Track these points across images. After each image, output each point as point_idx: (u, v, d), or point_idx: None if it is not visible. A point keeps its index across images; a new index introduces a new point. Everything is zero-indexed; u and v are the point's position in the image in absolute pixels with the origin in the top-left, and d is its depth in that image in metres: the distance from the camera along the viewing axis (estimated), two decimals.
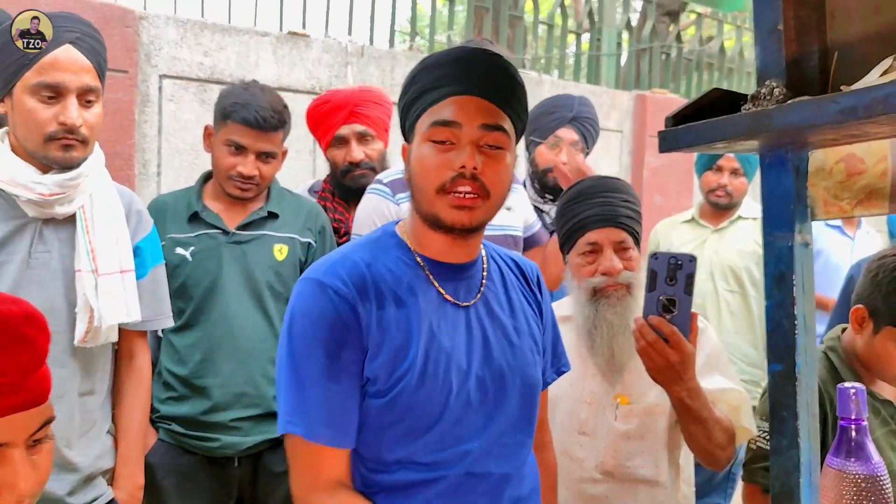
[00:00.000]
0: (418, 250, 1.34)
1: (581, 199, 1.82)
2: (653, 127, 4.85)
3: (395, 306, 1.27)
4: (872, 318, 1.74)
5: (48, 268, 1.69)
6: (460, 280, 1.35)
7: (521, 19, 4.94)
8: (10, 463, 0.94)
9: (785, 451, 1.13)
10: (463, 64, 1.28)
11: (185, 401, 2.07)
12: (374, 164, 2.44)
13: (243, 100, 2.09)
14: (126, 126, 2.96)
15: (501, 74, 1.30)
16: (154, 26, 3.06)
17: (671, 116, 1.12)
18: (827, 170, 1.18)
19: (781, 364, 1.13)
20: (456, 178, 1.24)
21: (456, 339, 1.30)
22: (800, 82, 1.11)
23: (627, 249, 1.78)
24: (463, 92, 1.26)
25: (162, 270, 1.94)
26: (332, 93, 2.50)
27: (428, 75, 1.29)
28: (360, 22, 4.04)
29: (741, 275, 3.07)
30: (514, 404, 1.35)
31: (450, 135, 1.25)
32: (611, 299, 1.76)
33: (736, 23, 6.18)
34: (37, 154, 1.65)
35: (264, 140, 2.10)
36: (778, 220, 1.15)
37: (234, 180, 2.11)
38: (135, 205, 1.87)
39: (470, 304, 1.34)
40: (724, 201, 3.13)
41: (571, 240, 1.82)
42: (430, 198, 1.26)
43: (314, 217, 2.24)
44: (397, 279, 1.29)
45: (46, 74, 1.61)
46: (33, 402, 0.97)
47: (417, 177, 1.28)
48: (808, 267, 1.14)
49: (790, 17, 1.12)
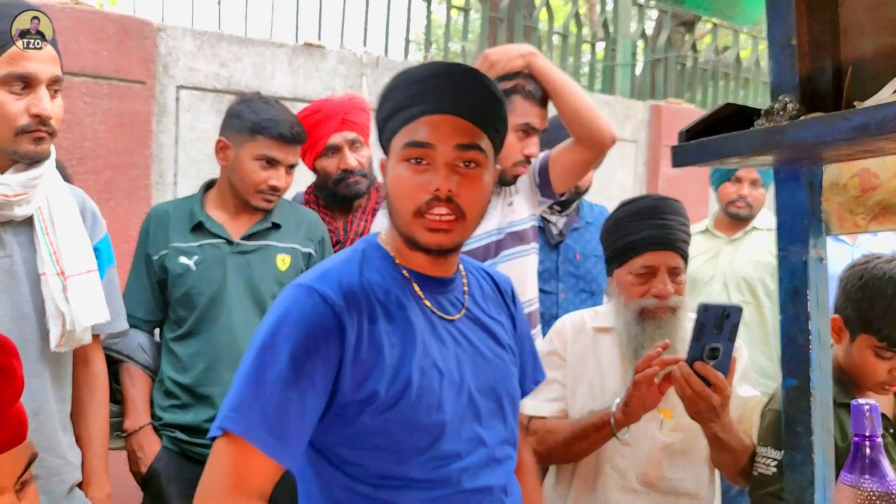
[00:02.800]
0: (403, 263, 1.32)
1: (639, 218, 1.83)
2: (668, 137, 4.84)
3: (386, 321, 1.24)
4: (848, 328, 1.74)
5: (11, 273, 1.62)
6: (444, 293, 1.34)
7: (536, 29, 4.95)
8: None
9: (799, 466, 1.13)
10: (436, 81, 1.26)
11: (188, 409, 2.08)
12: (365, 170, 2.45)
13: (272, 115, 2.13)
14: (143, 136, 2.99)
15: (477, 90, 1.27)
16: (172, 38, 3.10)
17: (684, 131, 1.12)
18: (841, 184, 1.18)
19: (796, 379, 1.13)
20: (431, 200, 1.23)
21: (446, 353, 1.28)
22: (813, 97, 1.11)
23: (679, 274, 1.81)
24: (437, 111, 1.24)
25: (115, 273, 1.90)
26: (321, 102, 2.49)
27: (401, 92, 1.27)
28: (375, 33, 4.06)
29: (755, 286, 3.05)
30: (502, 417, 1.34)
31: (424, 155, 1.23)
32: (658, 321, 1.78)
33: (752, 33, 6.17)
34: (6, 150, 1.57)
35: (293, 153, 2.18)
36: (792, 234, 1.15)
37: (264, 193, 2.14)
38: (88, 204, 1.80)
39: (456, 318, 1.33)
40: (744, 212, 3.12)
41: (625, 257, 1.83)
42: (406, 220, 1.25)
43: (314, 227, 2.26)
44: (386, 292, 1.27)
45: (17, 65, 1.53)
46: (15, 439, 0.87)
47: (393, 198, 1.27)
48: (822, 282, 1.14)
49: (804, 32, 1.12)
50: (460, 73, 1.28)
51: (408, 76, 1.28)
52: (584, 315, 1.98)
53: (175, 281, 2.09)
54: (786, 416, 1.15)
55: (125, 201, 2.94)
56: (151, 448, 2.08)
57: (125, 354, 2.10)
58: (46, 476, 1.65)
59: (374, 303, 1.24)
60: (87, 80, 2.82)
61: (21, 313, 1.63)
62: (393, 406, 1.21)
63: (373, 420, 1.21)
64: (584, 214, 3.10)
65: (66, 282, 1.65)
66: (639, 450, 1.80)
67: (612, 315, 1.87)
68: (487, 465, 1.29)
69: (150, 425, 2.11)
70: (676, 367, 1.58)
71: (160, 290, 2.15)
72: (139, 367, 2.13)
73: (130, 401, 2.10)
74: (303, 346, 1.16)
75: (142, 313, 2.14)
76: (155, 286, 2.14)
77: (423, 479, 1.23)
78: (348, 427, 1.22)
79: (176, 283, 2.09)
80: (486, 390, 1.32)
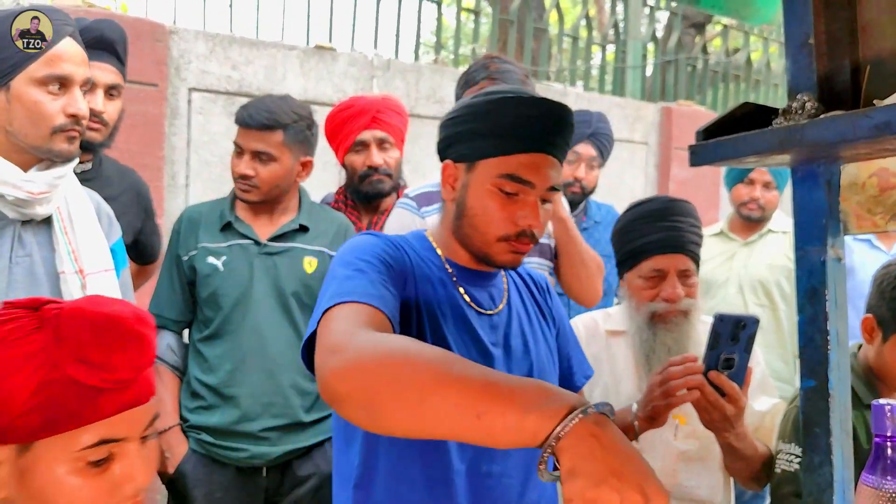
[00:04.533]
0: (448, 256, 1.38)
1: (649, 220, 1.81)
2: (679, 139, 4.82)
3: (432, 290, 1.31)
4: (881, 327, 1.72)
5: (31, 272, 1.64)
6: (485, 287, 1.39)
7: (546, 31, 4.95)
8: (128, 457, 0.99)
9: (818, 468, 1.12)
10: (541, 122, 1.30)
11: (214, 410, 2.08)
12: (391, 170, 2.44)
13: (248, 104, 2.16)
14: (156, 138, 3.00)
15: (567, 129, 1.33)
16: (184, 40, 3.11)
17: (701, 130, 1.12)
18: (860, 184, 1.17)
19: (814, 380, 1.12)
20: (520, 234, 1.30)
21: (479, 344, 1.33)
22: (831, 96, 1.10)
23: (690, 277, 1.79)
24: (538, 150, 1.29)
25: (129, 274, 1.92)
26: (355, 98, 2.51)
27: (503, 119, 1.29)
28: (385, 36, 4.07)
29: (771, 289, 3.03)
30: None
31: (519, 189, 1.29)
32: (669, 325, 1.77)
33: (763, 34, 6.14)
34: (40, 148, 1.61)
35: (257, 139, 2.13)
36: (810, 234, 1.14)
37: (237, 182, 2.16)
38: (103, 207, 1.84)
39: (494, 313, 1.38)
40: (756, 214, 3.10)
41: (635, 260, 1.81)
42: (488, 241, 1.32)
43: (343, 231, 2.26)
44: (433, 272, 1.34)
45: (55, 66, 1.59)
46: (144, 397, 1.01)
47: (478, 220, 1.31)
48: (840, 282, 1.13)
49: (821, 31, 1.11)
50: (556, 111, 1.31)
51: (507, 104, 1.30)
52: (595, 317, 1.96)
53: (203, 281, 2.10)
54: (804, 418, 1.14)
55: None
56: (180, 448, 2.09)
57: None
58: None
59: (425, 271, 1.33)
60: None
61: None
62: None
63: None
64: (591, 214, 3.10)
65: (85, 280, 1.67)
66: (653, 457, 1.77)
67: (624, 318, 1.86)
68: (505, 452, 1.30)
69: (179, 426, 2.12)
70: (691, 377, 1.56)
71: (190, 290, 2.16)
72: (168, 368, 2.14)
73: (159, 401, 2.10)
74: (387, 255, 1.25)
75: (172, 314, 2.15)
76: (185, 287, 2.15)
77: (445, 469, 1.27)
78: None
79: (203, 284, 2.10)
80: None
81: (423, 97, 3.82)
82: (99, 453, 0.97)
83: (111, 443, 0.97)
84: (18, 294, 1.61)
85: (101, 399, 0.96)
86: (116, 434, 0.98)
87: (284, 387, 2.07)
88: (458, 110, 1.36)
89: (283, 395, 2.07)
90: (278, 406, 2.07)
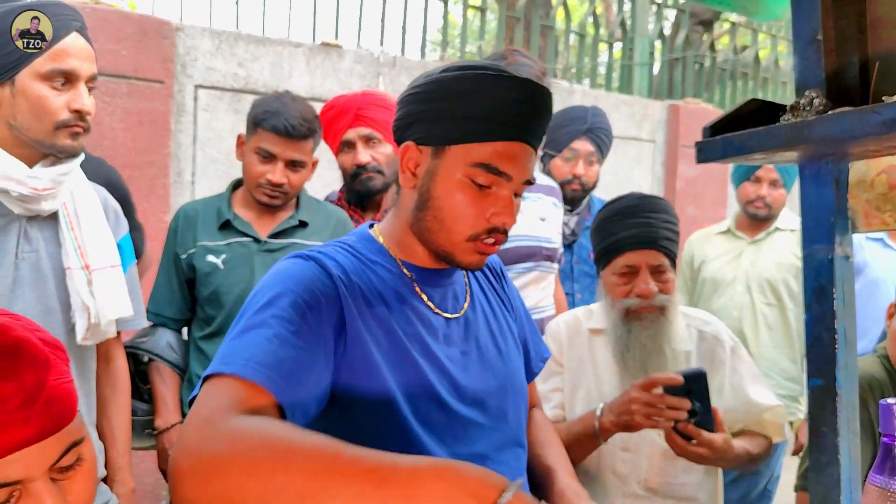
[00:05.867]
0: (401, 257, 1.24)
1: (621, 217, 1.80)
2: (686, 137, 4.81)
3: (384, 308, 1.16)
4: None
5: (38, 268, 1.64)
6: (446, 287, 1.26)
7: (553, 29, 4.93)
8: (33, 497, 0.85)
9: (825, 468, 1.11)
10: (525, 107, 1.15)
11: None
12: (381, 166, 2.40)
13: (273, 108, 2.10)
14: (161, 135, 3.00)
15: (547, 117, 1.20)
16: (190, 37, 3.11)
17: (708, 127, 1.11)
18: (868, 181, 1.16)
19: (821, 379, 1.11)
20: (491, 230, 1.17)
21: (449, 353, 1.21)
22: (840, 93, 1.09)
23: (664, 272, 1.77)
24: (518, 138, 1.15)
25: (136, 270, 1.91)
26: (336, 98, 2.47)
27: (484, 101, 1.14)
28: (391, 33, 4.07)
29: (779, 287, 3.02)
30: (511, 415, 1.29)
31: (493, 182, 1.15)
32: (644, 321, 1.75)
33: (771, 32, 6.11)
34: (43, 143, 1.60)
35: (293, 148, 2.11)
36: (818, 232, 1.13)
37: (263, 188, 2.12)
38: (110, 203, 1.83)
39: (459, 316, 1.26)
40: (762, 213, 3.08)
41: (608, 257, 1.81)
42: (454, 241, 1.18)
43: (342, 226, 2.25)
44: (386, 285, 1.19)
45: (61, 61, 1.58)
46: (43, 433, 0.86)
47: (445, 214, 1.17)
48: (848, 280, 1.12)
49: (830, 26, 1.10)
50: (542, 98, 1.18)
51: (490, 84, 1.14)
52: (577, 314, 1.95)
53: (203, 280, 2.09)
54: (811, 417, 1.14)
55: (143, 200, 2.95)
56: None
57: (155, 353, 2.11)
58: None
59: (374, 288, 1.16)
60: (107, 79, 2.83)
61: (48, 307, 1.65)
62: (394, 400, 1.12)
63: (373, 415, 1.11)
64: (595, 212, 3.07)
65: (91, 275, 1.67)
66: (639, 455, 1.77)
67: (602, 316, 1.85)
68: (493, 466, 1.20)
69: (181, 423, 2.11)
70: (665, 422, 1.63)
71: (188, 288, 2.15)
72: (169, 366, 2.13)
73: (161, 399, 2.10)
74: (305, 302, 1.06)
75: (170, 312, 2.15)
76: (183, 285, 2.15)
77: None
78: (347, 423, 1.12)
79: (204, 282, 2.09)
80: (493, 390, 1.26)
81: None
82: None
83: (5, 486, 0.82)
84: (25, 290, 1.62)
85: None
86: (8, 477, 0.82)
87: None
88: (424, 84, 1.18)
89: None
90: None
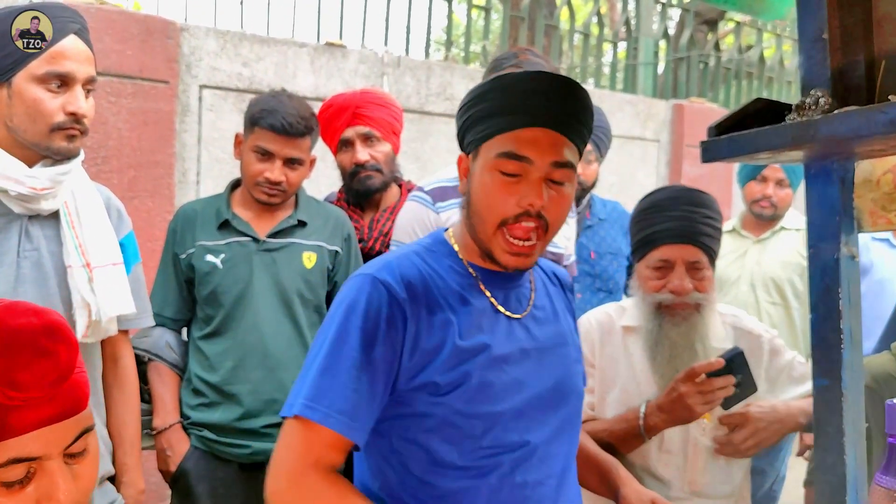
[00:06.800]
0: (469, 259, 1.33)
1: (660, 209, 1.76)
2: (691, 136, 4.80)
3: (449, 312, 1.25)
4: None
5: (39, 266, 1.65)
6: (510, 289, 1.34)
7: (557, 28, 4.93)
8: (48, 475, 0.93)
9: (830, 468, 1.11)
10: (541, 95, 1.23)
11: (216, 407, 2.08)
12: (379, 165, 2.39)
13: (270, 106, 2.11)
14: (166, 135, 3.00)
15: (576, 105, 1.26)
16: (195, 37, 3.11)
17: (714, 126, 1.11)
18: (874, 181, 1.15)
19: (827, 379, 1.11)
20: (521, 215, 1.23)
21: (510, 350, 1.28)
22: (845, 92, 1.08)
23: (701, 269, 1.73)
24: (537, 124, 1.22)
25: (141, 269, 1.92)
26: (334, 97, 2.47)
27: (502, 97, 1.24)
28: (396, 32, 4.07)
29: (784, 287, 3.01)
30: (563, 415, 1.34)
31: (519, 168, 1.22)
32: (675, 318, 1.71)
33: (776, 31, 6.10)
34: (39, 145, 1.61)
35: (291, 146, 2.11)
36: (823, 232, 1.13)
37: (261, 186, 2.12)
38: (113, 202, 1.83)
39: (522, 316, 1.33)
40: (768, 212, 3.08)
41: (644, 249, 1.77)
42: (489, 230, 1.25)
43: (341, 225, 2.25)
44: (450, 287, 1.28)
45: (57, 64, 1.58)
46: (64, 413, 0.95)
47: (480, 205, 1.26)
48: (854, 280, 1.12)
49: (835, 25, 1.10)
50: (560, 85, 1.25)
51: (511, 81, 1.25)
52: (609, 311, 1.90)
53: (202, 279, 2.10)
54: (816, 417, 1.13)
55: (149, 200, 2.96)
56: (181, 446, 2.08)
57: (153, 353, 2.11)
58: None
59: (437, 295, 1.26)
60: (112, 79, 2.84)
61: (50, 305, 1.64)
62: (449, 393, 1.22)
63: (427, 406, 1.23)
64: (596, 211, 3.01)
65: (92, 273, 1.68)
66: (681, 457, 1.74)
67: (636, 313, 1.81)
68: (541, 460, 1.29)
69: (179, 424, 2.11)
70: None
71: (188, 288, 2.15)
72: (168, 366, 2.13)
73: (159, 399, 2.11)
74: (371, 334, 1.20)
75: (170, 312, 2.15)
76: (182, 285, 2.15)
77: (472, 466, 1.23)
78: (403, 410, 1.24)
79: (203, 282, 2.10)
80: (550, 388, 1.32)
81: (434, 94, 3.81)
82: (12, 473, 0.91)
83: (25, 461, 0.91)
84: (27, 288, 1.62)
85: (10, 417, 0.90)
86: (30, 453, 0.92)
87: (286, 383, 2.06)
88: (465, 98, 1.31)
89: (285, 391, 2.04)
90: (280, 403, 2.03)
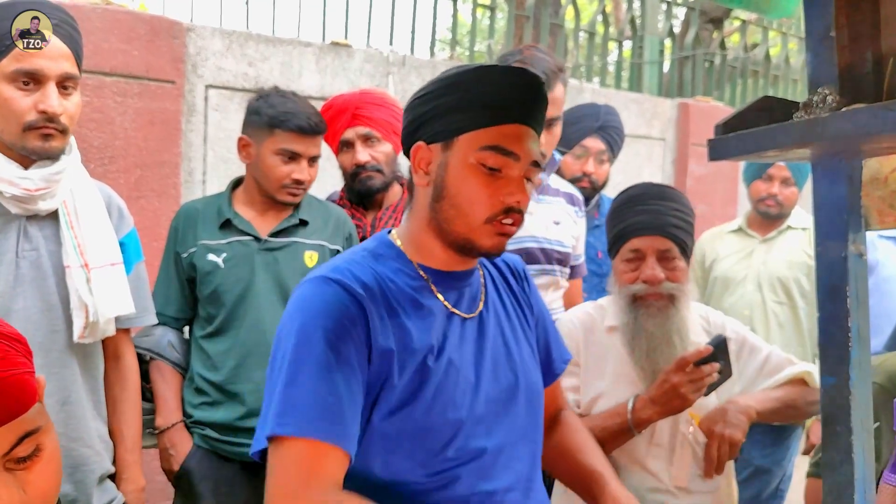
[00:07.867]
0: (419, 260, 1.29)
1: (629, 205, 1.81)
2: (696, 135, 4.79)
3: (403, 316, 1.22)
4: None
5: (38, 266, 1.65)
6: (462, 288, 1.31)
7: (562, 27, 4.92)
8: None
9: (838, 466, 1.11)
10: (527, 91, 1.24)
11: (218, 406, 2.09)
12: (380, 165, 2.40)
13: (290, 109, 2.12)
14: (172, 135, 3.01)
15: (544, 103, 1.28)
16: (200, 37, 3.12)
17: (721, 124, 1.10)
18: (881, 179, 1.15)
19: (835, 377, 1.11)
20: (506, 210, 1.23)
21: (463, 352, 1.26)
22: (853, 90, 1.08)
23: (672, 259, 1.75)
24: (519, 121, 1.23)
25: (143, 268, 1.92)
26: (334, 98, 2.48)
27: (489, 88, 1.23)
28: (401, 32, 4.08)
29: (790, 286, 3.00)
30: (521, 414, 1.32)
31: (503, 163, 1.22)
32: (650, 309, 1.74)
33: (781, 29, 6.08)
34: (15, 145, 1.59)
35: (314, 145, 2.16)
36: (831, 230, 1.13)
37: (288, 188, 2.13)
38: (114, 200, 1.83)
39: (474, 316, 1.31)
40: (774, 211, 3.07)
41: (616, 245, 1.81)
42: (472, 225, 1.23)
43: (342, 224, 2.26)
44: (402, 291, 1.25)
45: (25, 61, 1.55)
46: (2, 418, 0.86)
47: (461, 199, 1.23)
48: (862, 278, 1.12)
49: (843, 23, 1.10)
50: (537, 85, 1.26)
51: (500, 73, 1.24)
52: (588, 310, 1.91)
53: (204, 278, 2.10)
54: (824, 415, 1.13)
55: (155, 199, 2.97)
56: (183, 445, 2.09)
57: (156, 352, 2.11)
58: (74, 465, 1.69)
59: (390, 298, 1.22)
60: (118, 79, 2.84)
61: (49, 305, 1.66)
62: (404, 407, 1.18)
63: (384, 422, 1.19)
64: (604, 211, 3.02)
65: (90, 274, 1.67)
66: (669, 451, 1.76)
67: (615, 311, 1.82)
68: (506, 465, 1.26)
69: (182, 423, 2.12)
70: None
71: (189, 287, 2.16)
72: (170, 365, 2.14)
73: (162, 398, 2.11)
74: (334, 332, 1.14)
75: (171, 311, 2.16)
76: (184, 284, 2.15)
77: (435, 482, 1.20)
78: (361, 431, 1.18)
79: (204, 281, 2.10)
80: (504, 389, 1.30)
81: None
82: None
83: None
84: (26, 288, 1.63)
85: None
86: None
87: None
88: (427, 87, 1.27)
89: None
90: None
